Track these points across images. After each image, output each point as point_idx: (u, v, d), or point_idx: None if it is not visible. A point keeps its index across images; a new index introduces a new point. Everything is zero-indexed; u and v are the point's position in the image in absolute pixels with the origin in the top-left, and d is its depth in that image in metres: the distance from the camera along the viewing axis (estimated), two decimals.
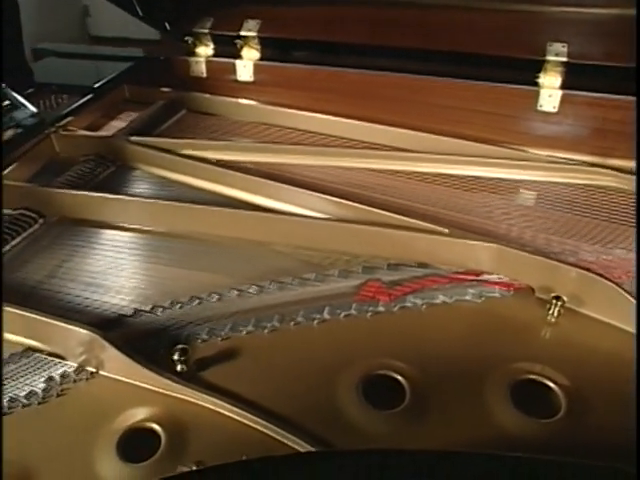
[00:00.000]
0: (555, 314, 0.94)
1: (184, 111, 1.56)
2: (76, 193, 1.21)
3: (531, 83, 1.35)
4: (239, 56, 1.55)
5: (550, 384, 0.84)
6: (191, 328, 0.93)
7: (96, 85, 1.53)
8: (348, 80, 1.49)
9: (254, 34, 1.53)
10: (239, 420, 0.79)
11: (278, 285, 1.00)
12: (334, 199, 1.12)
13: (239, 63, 1.55)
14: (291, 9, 1.52)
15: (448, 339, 0.93)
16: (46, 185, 1.24)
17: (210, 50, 1.59)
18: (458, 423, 0.80)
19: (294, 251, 1.09)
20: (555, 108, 1.34)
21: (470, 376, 0.86)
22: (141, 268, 1.08)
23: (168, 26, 1.57)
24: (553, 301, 0.93)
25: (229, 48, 1.56)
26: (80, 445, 0.78)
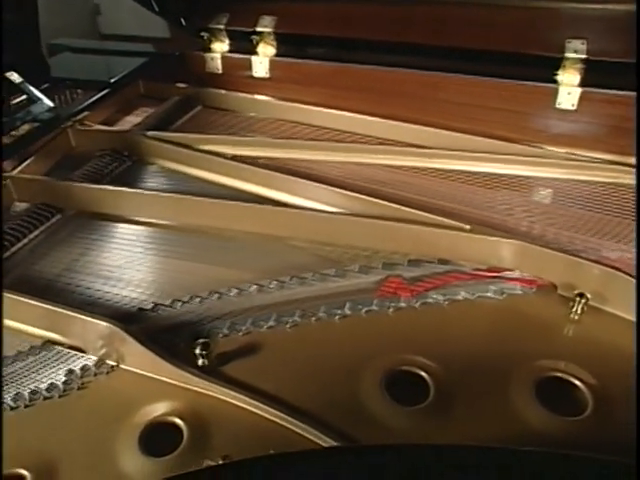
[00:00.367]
0: (578, 311, 0.93)
1: (199, 107, 1.56)
2: (93, 187, 1.20)
3: (549, 80, 1.34)
4: (255, 52, 1.55)
5: (576, 382, 0.83)
6: (211, 323, 0.92)
7: (112, 80, 1.53)
8: (364, 77, 1.49)
9: (270, 30, 1.53)
10: (261, 414, 0.78)
11: (298, 280, 0.99)
12: (353, 194, 1.11)
13: (255, 59, 1.54)
14: (307, 5, 1.51)
15: (470, 335, 0.92)
16: (63, 179, 1.24)
17: (226, 46, 1.59)
18: (483, 420, 0.79)
19: (312, 246, 1.08)
20: (574, 106, 1.32)
21: (494, 373, 0.85)
22: (159, 262, 1.07)
23: (183, 22, 1.57)
24: (577, 298, 0.92)
25: (245, 44, 1.56)
26: (102, 438, 0.77)
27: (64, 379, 0.85)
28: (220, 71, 1.59)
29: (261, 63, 1.54)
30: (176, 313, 0.94)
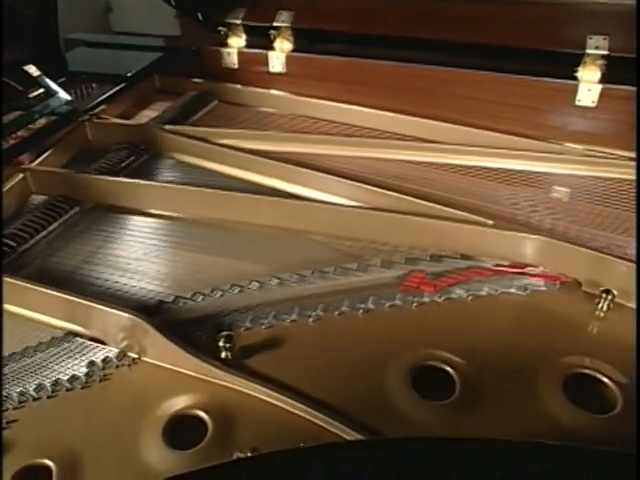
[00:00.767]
0: (604, 308, 0.92)
1: (216, 102, 1.55)
2: (111, 179, 1.20)
3: (569, 77, 1.33)
4: (271, 47, 1.54)
5: (604, 379, 0.82)
6: (233, 316, 0.91)
7: (128, 74, 1.52)
8: (381, 72, 1.48)
9: (287, 25, 1.52)
10: (285, 408, 0.77)
11: (319, 274, 0.98)
12: (375, 189, 1.10)
13: (271, 54, 1.54)
14: (324, 1, 1.51)
15: (495, 331, 0.91)
16: (80, 172, 1.23)
17: (242, 41, 1.58)
18: (510, 415, 0.78)
19: (331, 241, 1.08)
20: (594, 103, 1.31)
21: (519, 369, 0.84)
22: (177, 255, 1.07)
23: (200, 16, 1.56)
24: (603, 295, 0.91)
25: (261, 39, 1.55)
26: (125, 430, 0.77)
27: (86, 371, 0.84)
28: (236, 66, 1.58)
29: (277, 58, 1.54)
30: (197, 306, 0.94)
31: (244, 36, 1.58)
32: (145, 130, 1.36)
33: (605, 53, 1.28)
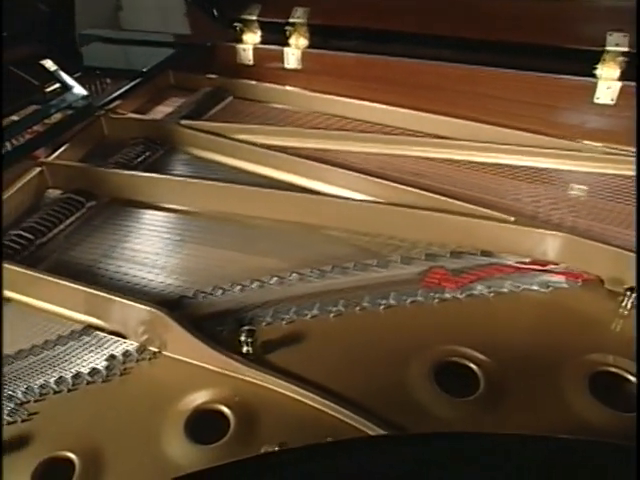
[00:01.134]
0: (628, 306, 0.91)
1: (230, 98, 1.55)
2: (128, 173, 1.20)
3: (588, 74, 1.31)
4: (287, 43, 1.53)
5: (629, 377, 0.81)
6: (254, 311, 0.91)
7: (143, 70, 1.52)
8: (397, 69, 1.47)
9: (303, 21, 1.51)
10: (308, 403, 0.77)
11: (340, 270, 0.97)
12: (395, 184, 1.09)
13: (287, 50, 1.53)
14: None
15: (517, 328, 0.90)
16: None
17: (257, 37, 1.58)
18: (535, 412, 0.77)
19: (349, 236, 1.07)
20: (613, 100, 1.30)
21: (544, 366, 0.83)
22: (195, 250, 1.06)
23: (216, 12, 1.56)
24: (627, 293, 0.90)
25: (276, 35, 1.54)
26: (147, 424, 0.76)
27: (106, 364, 0.84)
28: (251, 62, 1.58)
29: (293, 54, 1.53)
30: (217, 301, 0.93)
31: (259, 32, 1.58)
32: (161, 125, 1.36)
33: (625, 50, 1.27)
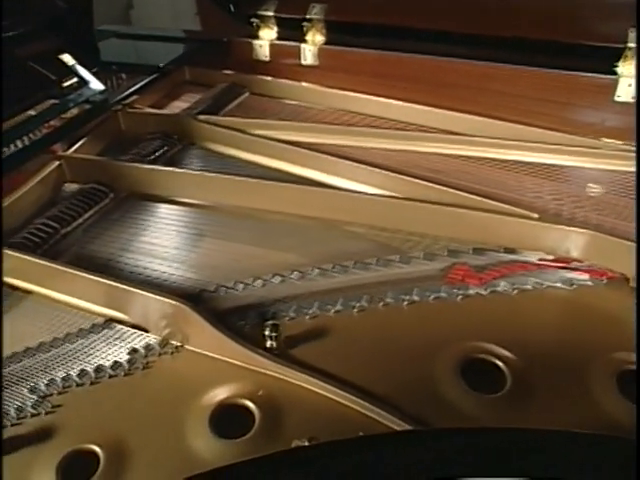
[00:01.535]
0: None
1: (247, 94, 1.54)
2: (147, 167, 1.19)
3: (609, 72, 1.30)
4: (304, 40, 1.53)
5: None
6: (276, 306, 0.90)
7: (160, 65, 1.52)
8: (414, 66, 1.46)
9: (320, 17, 1.51)
10: (333, 398, 0.76)
11: (362, 265, 0.96)
12: (417, 181, 1.09)
13: (304, 47, 1.52)
14: None
15: (542, 325, 0.89)
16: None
17: (274, 33, 1.57)
18: (563, 410, 0.76)
19: (370, 232, 1.06)
20: (634, 98, 1.28)
21: (570, 364, 0.82)
22: (216, 245, 1.06)
23: (233, 8, 1.55)
24: None
25: (293, 32, 1.54)
26: (170, 418, 0.75)
27: (128, 357, 0.83)
28: (268, 58, 1.57)
29: (309, 51, 1.52)
30: (239, 295, 0.92)
31: (276, 28, 1.57)
32: (178, 120, 1.35)
33: None
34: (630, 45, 1.26)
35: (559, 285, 0.94)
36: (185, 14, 3.22)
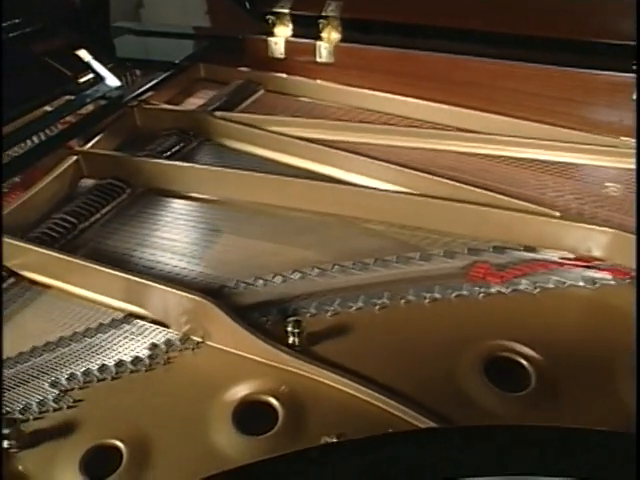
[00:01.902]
0: None
1: (262, 91, 1.54)
2: (164, 162, 1.19)
3: (628, 70, 1.29)
4: (319, 37, 1.52)
5: None
6: (297, 302, 0.90)
7: (176, 62, 1.52)
8: (430, 64, 1.45)
9: (335, 15, 1.50)
10: (356, 395, 0.75)
11: (382, 263, 0.96)
12: (438, 179, 1.08)
13: (319, 44, 1.52)
14: None
15: (565, 324, 0.88)
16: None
17: (289, 30, 1.56)
18: (589, 409, 0.75)
19: (388, 230, 1.05)
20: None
21: (595, 363, 0.81)
22: (234, 241, 1.05)
23: (248, 5, 1.55)
24: None
25: (309, 29, 1.53)
26: (193, 414, 0.75)
27: (148, 353, 0.83)
28: (283, 56, 1.57)
29: (325, 48, 1.52)
30: (259, 291, 0.92)
31: (291, 25, 1.56)
32: (194, 116, 1.35)
33: None
34: None
35: (581, 284, 0.93)
36: (195, 13, 3.23)
